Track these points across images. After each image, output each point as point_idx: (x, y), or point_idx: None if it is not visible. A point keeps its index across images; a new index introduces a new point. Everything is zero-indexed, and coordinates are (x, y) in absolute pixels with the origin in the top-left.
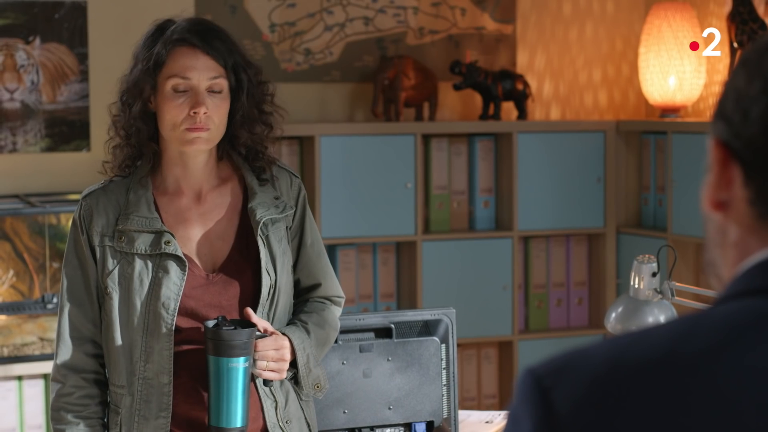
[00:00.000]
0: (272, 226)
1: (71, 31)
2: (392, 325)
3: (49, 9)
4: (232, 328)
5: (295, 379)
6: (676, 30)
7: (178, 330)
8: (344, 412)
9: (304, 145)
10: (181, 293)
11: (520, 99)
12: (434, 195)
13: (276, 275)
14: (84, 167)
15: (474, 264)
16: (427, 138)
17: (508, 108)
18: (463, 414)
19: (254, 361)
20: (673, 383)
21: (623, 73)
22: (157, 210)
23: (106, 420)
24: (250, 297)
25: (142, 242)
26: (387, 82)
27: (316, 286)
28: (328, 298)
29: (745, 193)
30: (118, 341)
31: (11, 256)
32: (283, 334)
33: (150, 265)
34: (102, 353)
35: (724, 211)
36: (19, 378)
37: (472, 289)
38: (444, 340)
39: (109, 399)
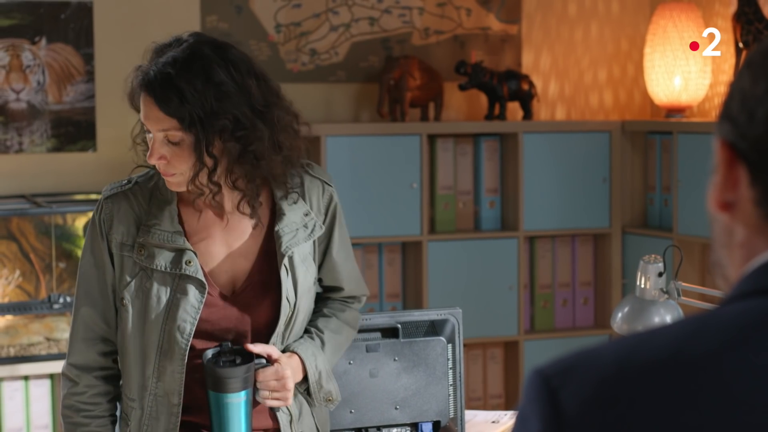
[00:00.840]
0: (297, 246)
1: (77, 31)
2: (399, 325)
3: (55, 9)
4: (232, 359)
5: (307, 391)
6: (681, 30)
7: (192, 348)
8: (351, 412)
9: (310, 146)
10: (198, 317)
11: (526, 99)
12: (440, 195)
13: (296, 298)
14: (90, 167)
15: (479, 264)
16: (432, 138)
17: (514, 108)
18: (469, 414)
19: (256, 389)
20: (680, 383)
21: (628, 74)
22: (181, 221)
23: (118, 413)
24: (268, 321)
25: (163, 259)
26: (392, 82)
27: (338, 288)
28: (351, 298)
29: (751, 193)
30: (132, 354)
31: (18, 257)
32: (293, 351)
33: (169, 283)
34: (116, 349)
35: (731, 212)
36: (26, 378)
37: (478, 290)
38: (450, 340)
39: (120, 407)
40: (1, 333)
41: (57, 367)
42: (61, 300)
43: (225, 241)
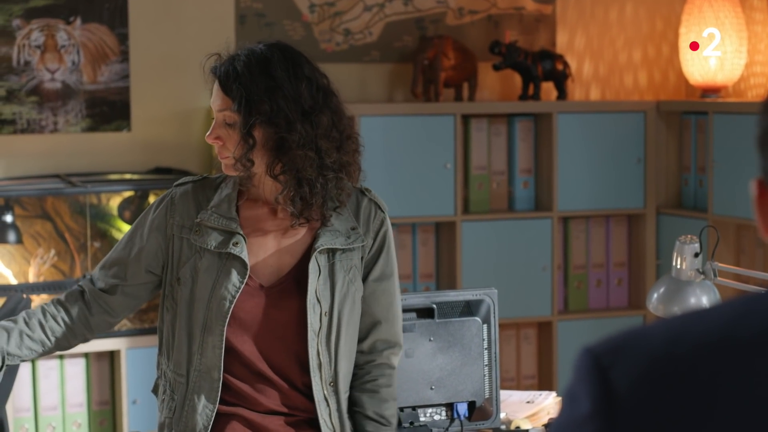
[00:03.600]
0: (341, 254)
1: (112, 11)
2: (434, 306)
3: None
4: None
5: None
6: (717, 10)
7: (227, 339)
8: None
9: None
10: (237, 295)
11: (560, 79)
12: (474, 175)
13: (333, 303)
14: (124, 147)
15: (513, 244)
16: (466, 118)
17: (548, 88)
18: (504, 394)
19: None
20: (732, 363)
21: (663, 53)
22: (238, 213)
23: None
24: (299, 320)
25: (214, 239)
26: (426, 62)
27: (375, 324)
28: (386, 342)
29: None
30: (183, 331)
31: (52, 236)
32: None
33: (216, 263)
34: (102, 304)
35: None
36: (61, 357)
37: (512, 270)
38: (486, 320)
39: (166, 383)
40: None
41: (92, 346)
42: None
43: (275, 238)
